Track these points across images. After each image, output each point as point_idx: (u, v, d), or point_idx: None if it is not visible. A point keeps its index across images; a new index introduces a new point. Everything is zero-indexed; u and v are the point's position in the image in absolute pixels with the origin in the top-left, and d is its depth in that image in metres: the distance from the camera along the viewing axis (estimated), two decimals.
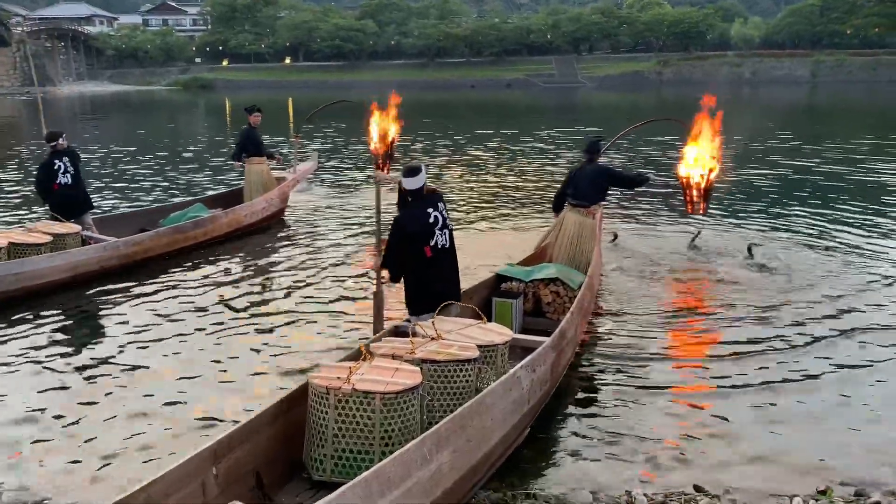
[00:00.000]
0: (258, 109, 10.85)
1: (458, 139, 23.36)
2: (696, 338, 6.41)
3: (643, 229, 10.25)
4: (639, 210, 11.57)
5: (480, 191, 13.80)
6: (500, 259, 8.29)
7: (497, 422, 3.98)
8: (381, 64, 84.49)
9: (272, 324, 6.77)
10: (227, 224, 9.68)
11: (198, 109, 47.36)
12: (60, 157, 8.53)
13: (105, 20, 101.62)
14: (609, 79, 75.24)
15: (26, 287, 7.29)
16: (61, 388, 5.48)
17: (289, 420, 3.82)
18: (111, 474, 4.24)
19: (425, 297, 5.05)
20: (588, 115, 37.12)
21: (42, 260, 7.46)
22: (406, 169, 5.00)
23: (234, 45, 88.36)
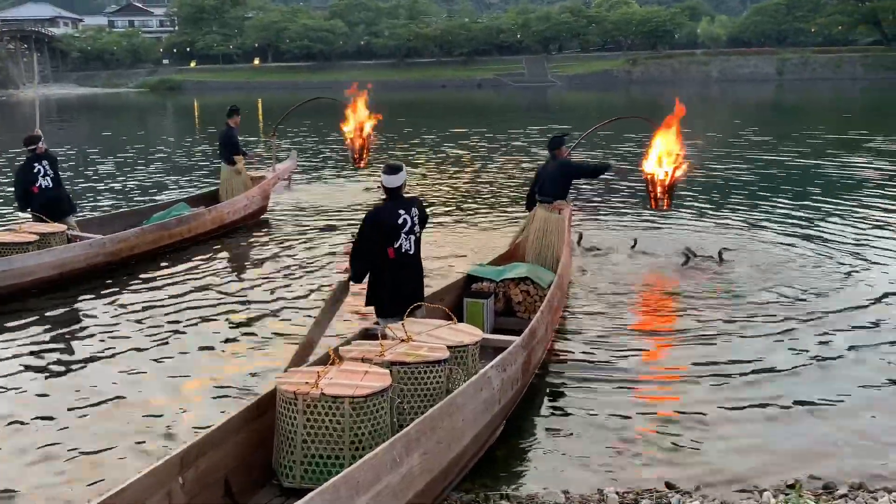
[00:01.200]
0: (238, 112, 11.05)
1: (430, 139, 23.35)
2: (666, 334, 6.47)
3: (611, 228, 10.32)
4: (606, 208, 11.65)
5: (452, 190, 13.80)
6: (472, 259, 8.33)
7: (468, 422, 3.96)
8: (351, 64, 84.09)
9: (248, 325, 6.75)
10: (210, 221, 9.87)
11: (166, 112, 46.84)
12: (40, 161, 8.57)
13: (69, 22, 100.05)
14: (579, 78, 75.67)
15: (15, 284, 7.43)
16: (34, 386, 5.48)
17: (258, 426, 3.78)
18: (74, 482, 4.15)
19: (387, 298, 5.06)
20: (559, 114, 37.29)
21: (29, 257, 7.62)
22: (387, 166, 5.03)
23: (202, 46, 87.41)
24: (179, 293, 7.69)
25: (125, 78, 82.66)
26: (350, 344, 4.50)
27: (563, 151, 7.60)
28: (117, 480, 3.93)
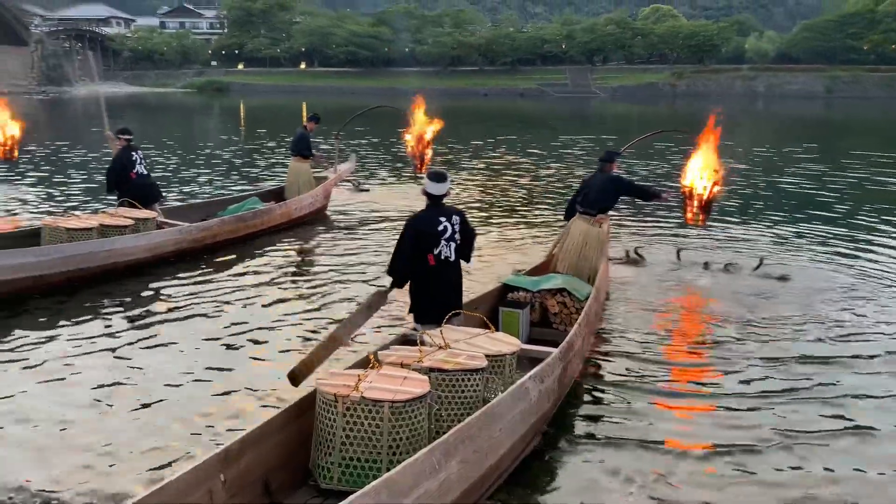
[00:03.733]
0: (317, 119, 11.92)
1: (470, 147, 23.41)
2: (707, 351, 6.38)
3: (651, 240, 10.24)
4: (646, 221, 11.56)
5: (491, 198, 13.83)
6: (508, 268, 8.33)
7: (505, 432, 3.98)
8: (396, 71, 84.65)
9: (302, 323, 6.90)
10: (280, 216, 10.58)
11: (213, 112, 47.65)
12: (135, 150, 9.25)
13: (122, 22, 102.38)
14: (622, 90, 75.22)
15: (114, 263, 8.05)
16: (95, 372, 5.69)
17: (298, 427, 3.84)
18: (120, 474, 4.25)
19: (426, 305, 5.12)
20: (601, 125, 37.12)
21: (128, 239, 8.28)
22: (433, 173, 5.12)
23: (250, 48, 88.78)
24: (250, 283, 8.15)
25: (173, 78, 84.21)
26: (388, 349, 4.56)
27: (613, 166, 7.58)
28: (162, 475, 4.08)
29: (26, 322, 6.74)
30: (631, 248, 9.29)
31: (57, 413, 4.99)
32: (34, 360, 5.87)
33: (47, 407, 5.08)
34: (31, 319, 6.81)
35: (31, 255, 7.48)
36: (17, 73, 75.21)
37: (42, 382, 5.49)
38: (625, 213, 11.91)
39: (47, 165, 17.59)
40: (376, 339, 6.06)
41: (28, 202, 12.76)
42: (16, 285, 7.22)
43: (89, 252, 7.84)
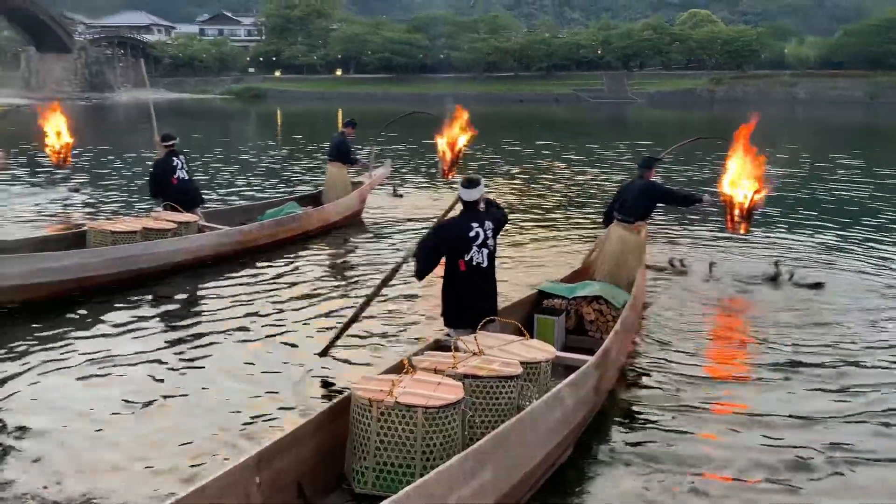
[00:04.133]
0: (354, 124, 12.00)
1: (505, 153, 23.38)
2: (746, 363, 6.24)
3: (690, 248, 10.10)
4: (684, 228, 11.42)
5: (526, 204, 13.78)
6: (543, 275, 8.29)
7: (540, 440, 3.95)
8: (431, 77, 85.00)
9: (330, 324, 6.93)
10: (317, 220, 10.73)
11: (250, 118, 48.25)
12: (177, 155, 9.39)
13: (163, 29, 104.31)
14: (660, 95, 74.60)
15: (157, 266, 8.23)
16: (139, 371, 5.83)
17: (332, 431, 3.85)
18: (157, 475, 4.30)
19: (457, 310, 5.13)
20: (637, 131, 36.82)
21: (170, 243, 8.46)
22: (465, 179, 5.12)
23: (287, 56, 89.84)
24: (288, 287, 8.22)
25: (212, 85, 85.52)
26: (422, 354, 4.56)
27: (651, 173, 7.50)
28: (198, 476, 4.12)
29: (71, 322, 6.88)
30: (675, 257, 9.13)
31: (96, 413, 5.08)
32: (76, 360, 5.98)
33: (86, 406, 5.16)
34: (75, 320, 6.96)
35: (78, 257, 7.68)
36: (62, 79, 77.09)
37: (82, 382, 5.59)
38: (663, 220, 11.78)
39: (92, 170, 17.99)
40: (409, 344, 6.06)
41: (74, 205, 13.05)
42: (63, 286, 7.39)
43: (133, 255, 8.04)
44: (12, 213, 12.08)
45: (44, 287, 7.25)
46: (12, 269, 7.08)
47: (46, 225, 11.28)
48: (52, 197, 13.79)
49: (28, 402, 5.23)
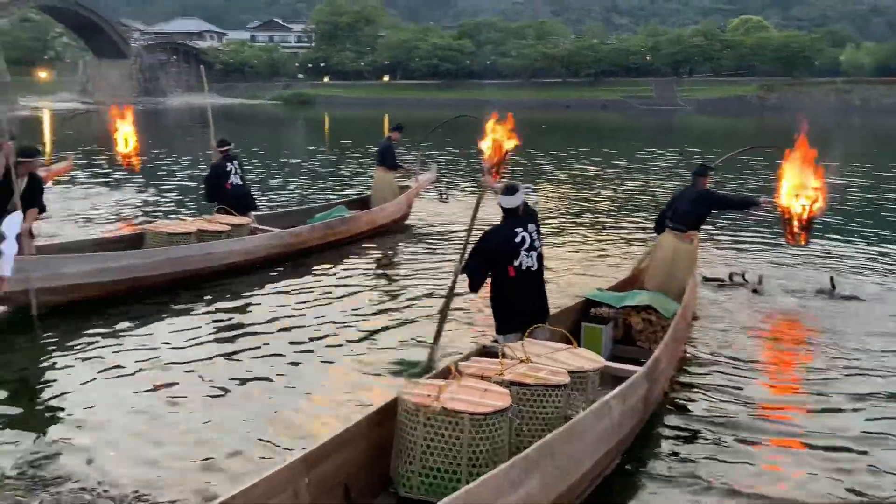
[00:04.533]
0: (401, 129, 12.14)
1: (553, 159, 23.29)
2: (799, 384, 6.05)
3: (740, 259, 9.91)
4: (734, 238, 11.20)
5: (574, 211, 13.70)
6: (591, 282, 8.21)
7: (587, 450, 3.91)
8: (478, 83, 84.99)
9: (385, 328, 7.04)
10: (365, 223, 10.90)
11: (299, 124, 48.88)
12: (231, 161, 9.65)
13: (215, 35, 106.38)
14: (709, 102, 73.42)
15: (211, 267, 8.45)
16: (192, 369, 5.97)
17: (379, 434, 3.87)
18: (207, 473, 4.38)
19: (509, 316, 5.11)
20: (686, 138, 36.29)
21: (224, 244, 8.71)
22: (505, 186, 5.12)
23: (336, 62, 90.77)
24: (337, 289, 8.37)
25: (262, 90, 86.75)
26: (468, 360, 4.55)
27: (706, 180, 7.39)
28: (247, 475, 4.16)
29: (127, 321, 7.08)
30: (736, 271, 8.81)
31: (147, 410, 5.20)
32: (130, 358, 6.14)
33: (138, 404, 5.29)
34: (131, 318, 7.16)
35: (135, 257, 7.95)
36: (117, 84, 79.02)
37: (135, 379, 5.73)
38: (712, 229, 11.57)
39: (149, 173, 18.49)
40: (456, 350, 6.06)
41: (133, 207, 13.47)
42: (121, 286, 7.65)
43: (188, 255, 8.26)
44: (77, 215, 12.49)
45: (102, 286, 7.49)
46: (73, 268, 7.33)
47: (107, 226, 11.65)
48: (115, 199, 14.23)
49: (82, 398, 5.38)
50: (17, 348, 6.48)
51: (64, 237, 10.21)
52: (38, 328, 6.82)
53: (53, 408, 5.26)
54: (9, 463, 4.39)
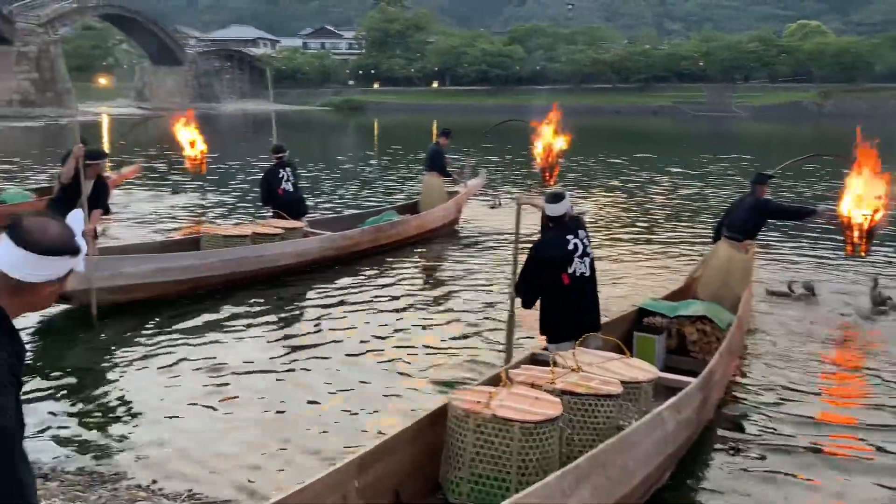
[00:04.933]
0: (449, 134, 12.22)
1: (604, 165, 23.09)
2: (859, 398, 5.87)
3: (798, 269, 9.66)
4: (798, 251, 10.92)
5: (625, 219, 13.55)
6: (643, 291, 8.10)
7: (639, 462, 3.85)
8: (527, 89, 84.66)
9: (426, 332, 7.09)
10: (414, 228, 11.04)
11: (349, 129, 49.39)
12: (284, 167, 9.81)
13: (268, 42, 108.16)
14: (764, 109, 71.91)
15: (265, 268, 8.67)
16: (244, 369, 6.08)
17: (429, 439, 3.86)
18: (258, 474, 4.43)
19: (562, 324, 5.05)
20: (740, 145, 35.58)
21: (278, 246, 8.90)
22: (549, 195, 5.08)
23: (386, 68, 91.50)
24: (386, 292, 8.48)
25: (313, 97, 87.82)
26: (518, 367, 4.52)
27: (765, 189, 7.23)
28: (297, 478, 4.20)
29: (183, 320, 7.29)
30: (798, 282, 8.57)
31: (201, 410, 5.30)
32: (185, 358, 6.29)
33: (192, 403, 5.40)
34: (187, 318, 7.36)
35: (193, 258, 8.18)
36: (173, 90, 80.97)
37: (189, 379, 5.85)
38: (767, 238, 11.30)
39: (208, 177, 18.89)
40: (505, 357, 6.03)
41: (191, 210, 13.86)
42: (179, 286, 7.88)
43: (243, 257, 8.47)
44: (140, 217, 12.91)
45: (161, 286, 7.73)
46: (133, 268, 7.59)
47: (168, 229, 11.99)
48: (175, 202, 14.63)
49: (137, 396, 5.51)
50: (77, 345, 6.69)
51: (128, 239, 10.57)
52: (97, 326, 7.03)
53: (110, 405, 5.40)
54: (69, 459, 4.51)
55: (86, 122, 43.24)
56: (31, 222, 1.79)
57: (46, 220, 1.83)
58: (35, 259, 1.76)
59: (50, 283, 1.81)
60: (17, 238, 1.75)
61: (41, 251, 1.76)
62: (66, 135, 36.08)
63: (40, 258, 1.76)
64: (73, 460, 4.50)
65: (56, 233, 1.80)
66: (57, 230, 1.81)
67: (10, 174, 18.72)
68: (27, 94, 60.24)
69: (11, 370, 1.73)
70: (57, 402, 5.36)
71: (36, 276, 1.78)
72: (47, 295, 1.84)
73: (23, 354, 1.82)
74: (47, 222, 1.81)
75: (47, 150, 25.27)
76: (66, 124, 45.72)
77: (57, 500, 3.97)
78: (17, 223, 1.78)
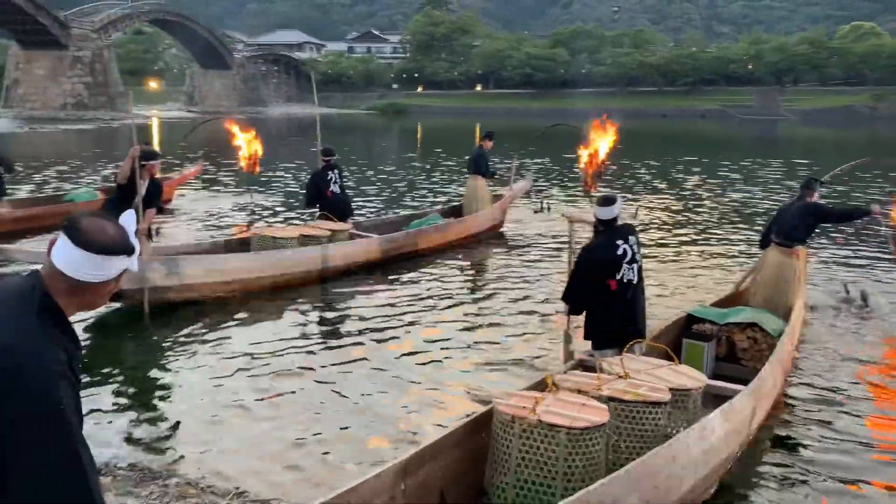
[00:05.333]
0: (492, 137, 12.15)
1: (651, 168, 22.82)
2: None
3: (854, 277, 9.41)
4: (851, 256, 10.65)
5: (674, 223, 13.37)
6: (692, 297, 7.98)
7: (687, 471, 3.79)
8: (571, 92, 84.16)
9: (470, 336, 7.06)
10: (458, 231, 11.07)
11: (392, 133, 49.68)
12: (332, 170, 9.96)
13: (314, 47, 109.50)
14: (815, 112, 70.36)
15: (312, 269, 8.75)
16: (290, 370, 6.15)
17: (474, 443, 3.87)
18: (305, 475, 4.47)
19: (608, 331, 5.01)
20: (790, 149, 34.91)
21: (324, 248, 8.98)
22: (601, 198, 5.05)
23: (430, 72, 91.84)
24: (430, 294, 8.50)
25: (358, 100, 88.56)
26: (565, 373, 4.49)
27: (815, 194, 7.08)
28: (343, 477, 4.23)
29: (232, 320, 7.42)
30: (855, 290, 8.35)
31: (250, 409, 5.36)
32: (236, 357, 6.38)
33: (241, 402, 5.46)
34: (236, 318, 7.48)
35: (243, 259, 8.37)
36: (221, 94, 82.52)
37: (238, 378, 5.93)
38: (820, 245, 11.06)
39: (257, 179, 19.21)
40: (551, 363, 6.00)
41: (242, 212, 14.09)
42: (230, 287, 8.07)
43: (291, 259, 8.63)
44: (195, 218, 13.31)
45: (212, 286, 7.92)
46: (185, 268, 7.77)
47: (224, 226, 12.33)
48: (226, 204, 14.99)
49: (187, 394, 5.62)
50: (128, 344, 6.84)
51: (182, 239, 10.84)
52: (149, 326, 7.18)
53: (160, 403, 5.51)
54: (121, 455, 4.61)
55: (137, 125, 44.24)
56: (88, 222, 1.80)
57: (102, 219, 1.83)
58: (93, 259, 1.77)
59: (106, 282, 1.83)
60: (75, 238, 1.77)
61: (98, 251, 1.77)
62: (118, 137, 37.00)
63: (98, 258, 1.78)
64: (126, 456, 4.60)
65: (113, 233, 1.81)
66: (114, 230, 1.82)
67: (65, 175, 19.25)
68: (81, 98, 61.91)
69: (71, 368, 1.76)
70: (108, 399, 5.48)
71: (93, 276, 1.79)
72: (103, 294, 1.87)
73: (79, 354, 1.85)
74: (104, 222, 1.82)
75: (99, 153, 25.93)
76: (117, 127, 46.88)
77: (111, 494, 4.06)
78: (75, 223, 1.79)
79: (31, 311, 1.75)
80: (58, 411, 1.67)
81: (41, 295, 1.78)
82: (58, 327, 1.78)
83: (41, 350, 1.70)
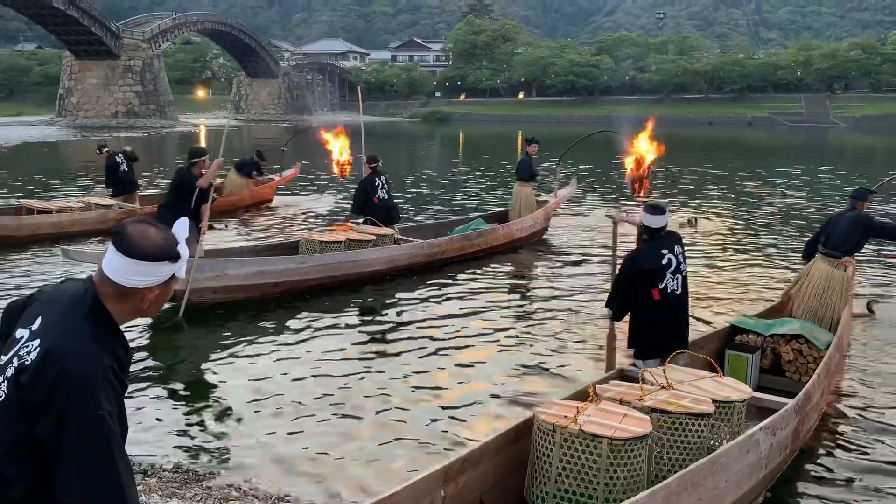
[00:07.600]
0: (536, 141, 12.32)
1: (696, 177, 22.52)
2: None
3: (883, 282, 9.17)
4: None
5: (719, 232, 13.15)
6: (736, 308, 7.86)
7: (731, 484, 3.74)
8: (614, 99, 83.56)
9: (511, 343, 7.07)
10: (502, 236, 11.10)
11: (434, 140, 49.83)
12: (379, 176, 10.11)
13: (358, 55, 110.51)
14: (866, 120, 68.68)
15: (359, 272, 9.05)
16: (331, 372, 6.24)
17: (514, 451, 3.86)
18: (343, 480, 4.51)
19: (651, 340, 4.97)
20: (843, 158, 34.13)
21: (370, 252, 9.25)
22: (650, 205, 5.01)
23: (472, 80, 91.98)
24: (474, 300, 8.57)
25: (401, 108, 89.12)
26: (607, 383, 4.46)
27: (865, 205, 6.92)
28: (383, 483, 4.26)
29: (279, 322, 7.56)
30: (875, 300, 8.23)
31: (293, 412, 5.43)
32: (281, 359, 6.49)
33: (285, 405, 5.54)
34: (283, 320, 7.63)
35: (290, 262, 8.60)
36: (267, 102, 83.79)
37: (282, 380, 6.02)
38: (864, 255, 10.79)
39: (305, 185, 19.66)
40: (592, 372, 5.96)
41: (291, 217, 14.51)
42: (277, 288, 8.35)
43: (338, 262, 8.86)
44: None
45: (260, 287, 8.19)
46: (234, 270, 8.05)
47: (274, 233, 12.67)
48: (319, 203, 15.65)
49: (230, 397, 5.71)
50: (170, 345, 6.99)
51: (236, 242, 11.35)
52: (189, 327, 7.36)
53: (202, 405, 5.60)
54: (165, 457, 4.70)
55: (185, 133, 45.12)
56: (132, 228, 1.83)
57: (147, 225, 1.86)
58: (134, 264, 1.80)
59: (150, 288, 1.85)
60: (118, 244, 1.81)
61: (139, 256, 1.80)
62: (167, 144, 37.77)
63: (139, 263, 1.81)
64: (170, 458, 4.69)
65: (156, 238, 1.84)
66: (158, 236, 1.84)
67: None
68: (132, 106, 63.39)
69: (116, 374, 1.79)
70: (152, 402, 5.59)
71: (135, 282, 1.82)
72: (152, 301, 1.89)
73: (128, 360, 1.88)
74: (149, 228, 1.85)
75: (148, 160, 26.50)
76: (166, 135, 47.84)
77: (156, 496, 4.15)
78: (121, 229, 1.83)
79: (80, 316, 1.79)
80: (97, 416, 1.70)
81: (91, 300, 1.82)
82: (107, 332, 1.81)
83: (85, 355, 1.73)
